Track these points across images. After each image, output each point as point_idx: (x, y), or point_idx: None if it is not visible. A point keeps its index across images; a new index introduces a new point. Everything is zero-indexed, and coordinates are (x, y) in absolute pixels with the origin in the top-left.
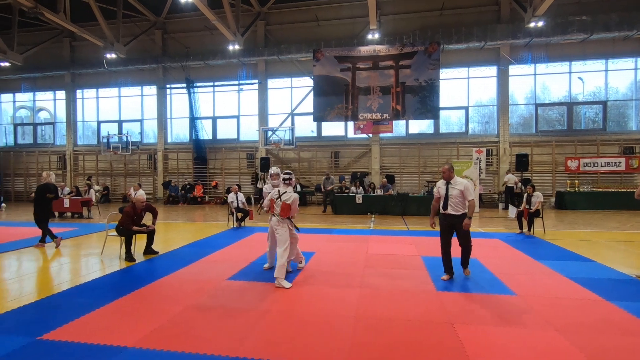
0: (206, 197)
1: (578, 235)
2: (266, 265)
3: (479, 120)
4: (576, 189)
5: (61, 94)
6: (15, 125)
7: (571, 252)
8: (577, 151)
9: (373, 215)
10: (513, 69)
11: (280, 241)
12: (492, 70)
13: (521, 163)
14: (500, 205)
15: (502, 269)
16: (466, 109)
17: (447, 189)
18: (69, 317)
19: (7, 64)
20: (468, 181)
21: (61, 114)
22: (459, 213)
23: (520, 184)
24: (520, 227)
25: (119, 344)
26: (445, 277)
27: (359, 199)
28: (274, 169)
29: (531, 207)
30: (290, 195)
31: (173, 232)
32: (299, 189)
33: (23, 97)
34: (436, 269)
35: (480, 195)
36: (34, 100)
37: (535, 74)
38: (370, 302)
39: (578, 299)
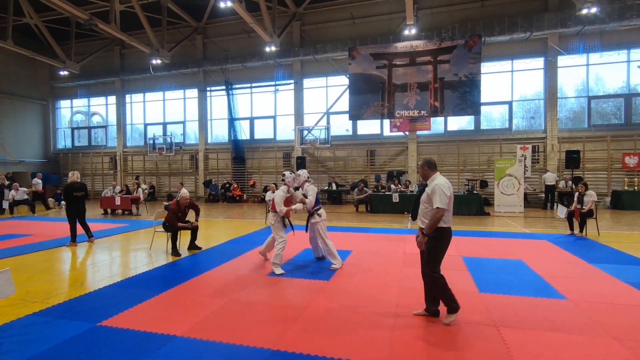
0: (244, 195)
1: (637, 238)
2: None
3: (524, 115)
4: (635, 188)
5: (112, 99)
6: (73, 129)
7: (630, 255)
8: (636, 146)
9: (410, 214)
10: (562, 60)
11: (275, 234)
12: (539, 62)
13: (572, 160)
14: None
15: (551, 271)
16: (510, 103)
17: (421, 192)
18: (123, 306)
19: (66, 72)
20: (446, 183)
21: (112, 118)
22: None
23: (570, 182)
24: (571, 228)
25: (168, 332)
26: (419, 311)
27: (395, 198)
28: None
29: (583, 207)
30: (276, 193)
31: (214, 229)
32: (334, 187)
33: (78, 103)
34: (478, 271)
35: (525, 194)
36: (89, 106)
37: (587, 65)
38: (410, 301)
39: (639, 306)
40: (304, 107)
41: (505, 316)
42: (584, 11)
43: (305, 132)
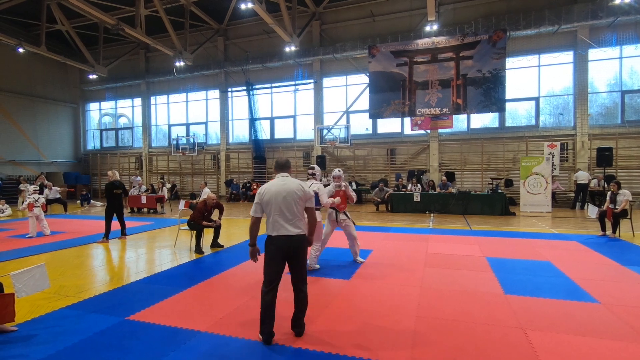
0: None
1: None
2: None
3: (551, 111)
4: None
5: (138, 101)
6: (101, 131)
7: None
8: None
9: (432, 214)
10: (593, 53)
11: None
12: (568, 56)
13: (603, 158)
14: (578, 205)
15: (581, 273)
16: (536, 99)
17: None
18: (150, 302)
19: (95, 76)
20: (268, 187)
21: (138, 120)
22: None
23: (602, 181)
24: (603, 229)
25: (192, 327)
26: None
27: (417, 197)
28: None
29: (616, 207)
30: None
31: (235, 227)
32: (354, 186)
33: (106, 105)
34: (503, 272)
35: (553, 193)
36: (116, 108)
37: (621, 57)
38: (432, 301)
39: None
40: (323, 106)
41: (533, 319)
42: (617, 1)
43: (325, 132)
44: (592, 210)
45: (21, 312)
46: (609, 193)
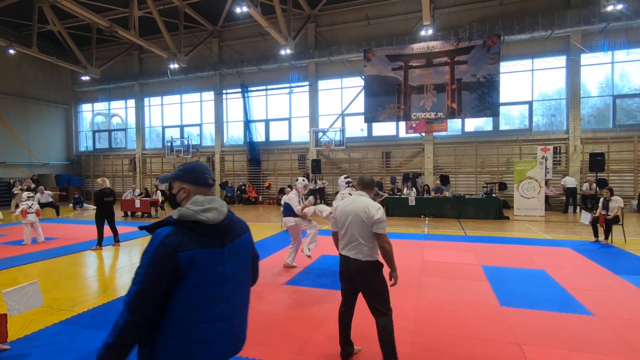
0: (260, 197)
1: None
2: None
3: (544, 112)
4: None
5: (131, 103)
6: (94, 132)
7: None
8: None
9: (427, 218)
10: (585, 58)
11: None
12: (561, 61)
13: (595, 162)
14: (572, 209)
15: (575, 283)
16: (530, 103)
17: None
18: None
19: (87, 77)
20: (343, 202)
21: (131, 121)
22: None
23: (595, 184)
24: (596, 235)
25: None
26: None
27: (411, 201)
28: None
29: (608, 213)
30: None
31: None
32: None
33: (99, 107)
34: (498, 281)
35: (547, 197)
36: (109, 109)
37: (612, 62)
38: (429, 315)
39: None
40: (318, 109)
41: (528, 333)
42: (609, 8)
43: (320, 134)
44: (584, 217)
45: (14, 328)
46: (601, 199)
